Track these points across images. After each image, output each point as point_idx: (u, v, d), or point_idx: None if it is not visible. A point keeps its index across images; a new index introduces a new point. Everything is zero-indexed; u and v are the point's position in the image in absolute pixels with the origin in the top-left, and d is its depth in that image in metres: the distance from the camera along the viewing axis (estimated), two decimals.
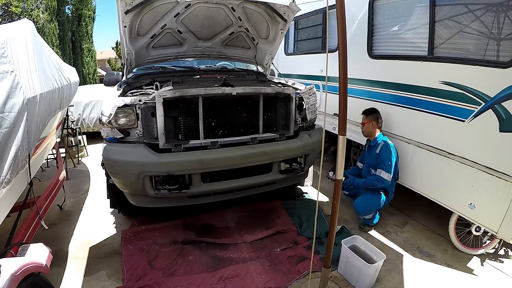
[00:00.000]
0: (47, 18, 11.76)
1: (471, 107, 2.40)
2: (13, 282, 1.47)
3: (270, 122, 3.13)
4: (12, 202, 2.04)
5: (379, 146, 3.02)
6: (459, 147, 2.55)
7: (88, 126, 6.61)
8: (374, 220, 3.09)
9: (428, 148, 2.84)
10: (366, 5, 3.41)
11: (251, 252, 2.73)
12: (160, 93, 2.45)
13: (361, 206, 3.03)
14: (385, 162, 2.90)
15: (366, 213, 3.03)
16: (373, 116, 3.12)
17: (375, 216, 3.07)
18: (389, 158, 2.88)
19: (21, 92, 1.79)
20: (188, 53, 3.59)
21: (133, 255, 2.66)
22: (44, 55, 2.73)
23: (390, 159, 2.88)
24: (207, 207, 3.20)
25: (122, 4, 2.54)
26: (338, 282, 2.41)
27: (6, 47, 1.79)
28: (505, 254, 2.76)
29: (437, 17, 2.66)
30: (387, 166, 2.88)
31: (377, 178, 2.93)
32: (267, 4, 3.02)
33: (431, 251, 2.80)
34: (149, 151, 2.44)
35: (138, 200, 2.75)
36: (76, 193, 4.12)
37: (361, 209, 3.04)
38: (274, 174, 2.94)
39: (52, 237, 2.93)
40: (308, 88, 3.10)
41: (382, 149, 2.97)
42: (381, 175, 2.90)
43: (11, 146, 1.69)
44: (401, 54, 3.10)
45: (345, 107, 1.84)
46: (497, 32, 2.26)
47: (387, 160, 2.89)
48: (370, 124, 3.11)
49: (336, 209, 2.03)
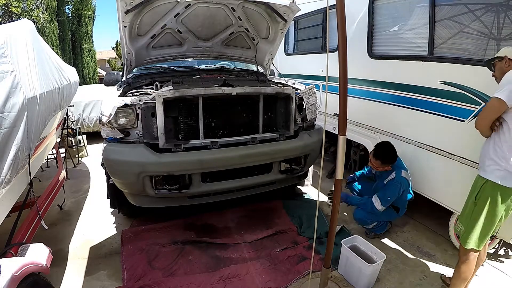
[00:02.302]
0: (47, 18, 11.76)
1: (471, 107, 2.40)
2: (13, 282, 1.47)
3: (270, 122, 3.13)
4: (12, 202, 2.04)
5: (388, 178, 2.81)
6: (459, 147, 2.55)
7: (88, 126, 6.61)
8: (380, 230, 2.99)
9: (428, 148, 2.84)
10: (366, 5, 3.42)
11: (251, 252, 2.73)
12: (160, 93, 2.45)
13: (360, 217, 2.94)
14: (386, 196, 2.74)
15: (367, 224, 2.95)
16: (390, 162, 2.79)
17: (382, 226, 2.97)
18: (391, 194, 2.73)
19: (21, 92, 1.79)
20: (188, 53, 3.59)
21: (133, 255, 2.66)
22: (44, 55, 2.72)
23: (392, 196, 2.73)
24: (207, 207, 3.20)
25: (122, 4, 2.54)
26: (338, 282, 2.41)
27: (6, 47, 1.78)
28: (505, 254, 2.76)
29: (437, 17, 2.66)
30: (385, 200, 2.73)
31: (371, 204, 2.78)
32: (267, 4, 3.03)
33: (431, 251, 2.81)
34: (149, 151, 2.44)
35: (138, 200, 2.75)
36: (76, 193, 4.12)
37: (360, 220, 2.95)
38: (274, 174, 2.94)
39: (52, 237, 2.93)
40: (308, 88, 3.10)
41: (390, 183, 2.78)
42: (375, 204, 2.75)
43: (11, 146, 1.69)
44: (401, 54, 3.10)
45: (345, 107, 1.84)
46: (497, 32, 2.27)
47: (388, 195, 2.73)
48: (385, 168, 2.81)
49: (336, 209, 2.03)
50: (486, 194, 1.89)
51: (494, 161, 1.86)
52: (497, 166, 1.85)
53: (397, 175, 2.76)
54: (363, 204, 2.89)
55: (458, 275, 2.08)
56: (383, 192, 2.77)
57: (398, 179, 2.74)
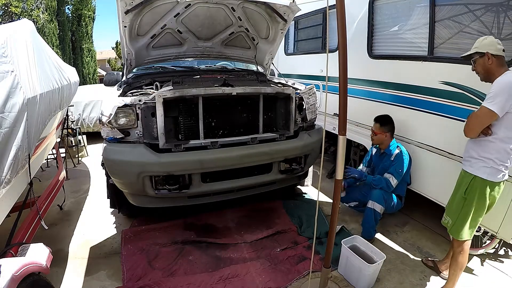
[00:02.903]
0: (47, 18, 11.78)
1: (471, 107, 2.40)
2: (13, 282, 1.46)
3: (270, 122, 3.13)
4: (12, 202, 2.04)
5: (393, 155, 2.92)
6: (459, 147, 2.55)
7: (88, 126, 6.61)
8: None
9: (428, 148, 2.84)
10: (366, 5, 3.42)
11: (251, 252, 2.73)
12: (160, 93, 2.45)
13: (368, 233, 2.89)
14: (397, 169, 2.85)
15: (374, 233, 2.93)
16: (389, 127, 2.96)
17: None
18: (402, 167, 2.85)
19: (21, 92, 1.79)
20: (188, 53, 3.59)
21: (133, 255, 2.66)
22: (44, 55, 2.73)
23: (403, 168, 2.85)
24: (207, 207, 3.20)
25: (122, 4, 2.54)
26: (338, 282, 2.41)
27: (6, 47, 1.78)
28: (505, 254, 2.76)
29: (437, 17, 2.66)
30: (398, 173, 2.84)
31: (386, 181, 2.85)
32: (267, 4, 3.03)
33: (431, 251, 2.81)
34: (149, 151, 2.44)
35: (138, 200, 2.75)
36: (76, 193, 4.12)
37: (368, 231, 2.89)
38: (274, 174, 2.94)
39: (52, 237, 2.93)
40: (308, 88, 3.10)
41: (397, 157, 2.89)
42: (390, 180, 2.85)
43: (11, 146, 1.69)
44: (401, 54, 3.10)
45: (345, 107, 1.84)
46: (497, 32, 2.26)
47: (399, 168, 2.85)
48: (383, 136, 2.96)
49: (336, 209, 2.03)
50: (475, 189, 2.01)
51: (481, 159, 1.97)
52: (484, 163, 1.96)
53: (399, 150, 2.91)
54: (378, 180, 2.89)
55: (456, 266, 2.18)
56: (394, 167, 2.87)
57: (401, 153, 2.89)
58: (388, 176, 2.87)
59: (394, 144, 2.97)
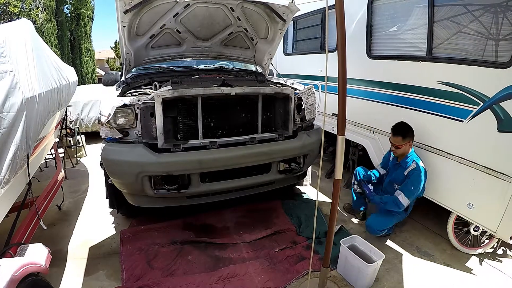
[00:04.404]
0: (45, 18, 11.74)
1: (469, 107, 2.41)
2: (12, 283, 1.46)
3: (269, 122, 3.13)
4: (11, 202, 2.03)
5: (408, 168, 2.72)
6: (458, 147, 2.56)
7: (87, 126, 6.60)
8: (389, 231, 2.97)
9: (426, 148, 2.85)
10: (365, 6, 3.42)
11: (250, 252, 2.73)
12: (159, 93, 2.45)
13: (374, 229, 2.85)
14: (409, 187, 2.67)
15: (380, 233, 2.89)
16: (410, 135, 2.73)
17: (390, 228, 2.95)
18: (415, 185, 2.65)
19: (20, 92, 1.78)
20: (187, 53, 3.59)
21: (132, 255, 2.66)
22: (43, 54, 2.72)
23: (415, 185, 2.65)
24: (206, 207, 3.20)
25: (121, 4, 2.53)
26: (337, 281, 2.41)
27: (5, 47, 1.78)
28: (503, 253, 2.77)
29: (436, 17, 2.66)
30: (409, 191, 2.65)
31: (394, 200, 2.69)
32: (266, 4, 3.03)
33: (429, 250, 2.81)
34: (148, 151, 2.44)
35: (137, 200, 2.75)
36: (74, 193, 4.11)
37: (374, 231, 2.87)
38: (273, 174, 2.94)
39: (51, 237, 2.93)
40: (307, 88, 3.10)
41: (411, 172, 2.69)
42: (399, 198, 2.67)
43: (10, 146, 1.69)
44: (399, 54, 3.11)
45: (344, 107, 1.85)
46: (495, 33, 2.27)
47: (412, 185, 2.66)
48: (407, 146, 2.74)
49: (335, 209, 2.03)
50: None
51: None
52: None
53: (416, 165, 2.69)
54: (386, 203, 2.77)
55: None
56: (405, 184, 2.69)
57: (418, 168, 2.66)
58: (398, 193, 2.71)
59: (411, 156, 2.77)
